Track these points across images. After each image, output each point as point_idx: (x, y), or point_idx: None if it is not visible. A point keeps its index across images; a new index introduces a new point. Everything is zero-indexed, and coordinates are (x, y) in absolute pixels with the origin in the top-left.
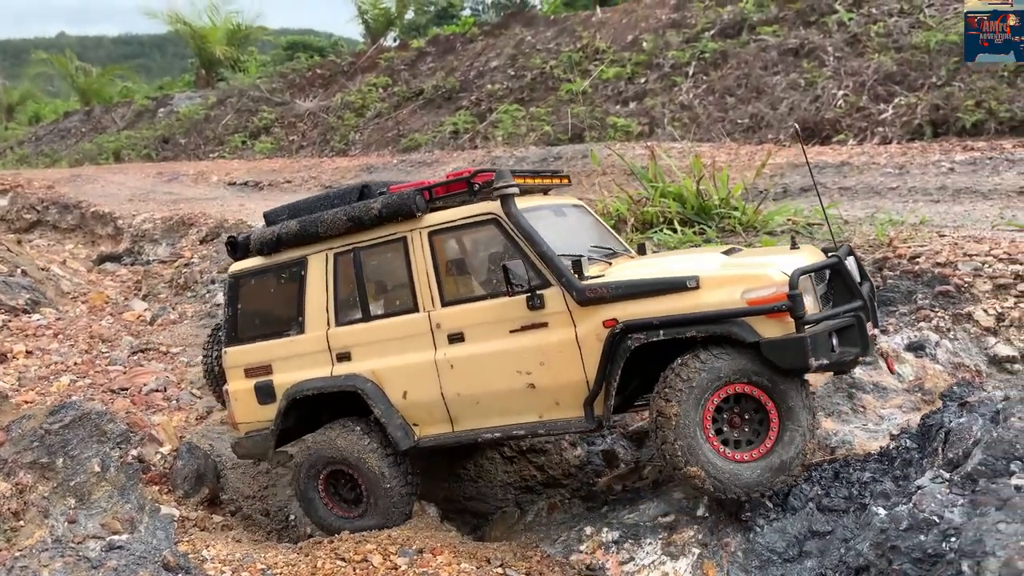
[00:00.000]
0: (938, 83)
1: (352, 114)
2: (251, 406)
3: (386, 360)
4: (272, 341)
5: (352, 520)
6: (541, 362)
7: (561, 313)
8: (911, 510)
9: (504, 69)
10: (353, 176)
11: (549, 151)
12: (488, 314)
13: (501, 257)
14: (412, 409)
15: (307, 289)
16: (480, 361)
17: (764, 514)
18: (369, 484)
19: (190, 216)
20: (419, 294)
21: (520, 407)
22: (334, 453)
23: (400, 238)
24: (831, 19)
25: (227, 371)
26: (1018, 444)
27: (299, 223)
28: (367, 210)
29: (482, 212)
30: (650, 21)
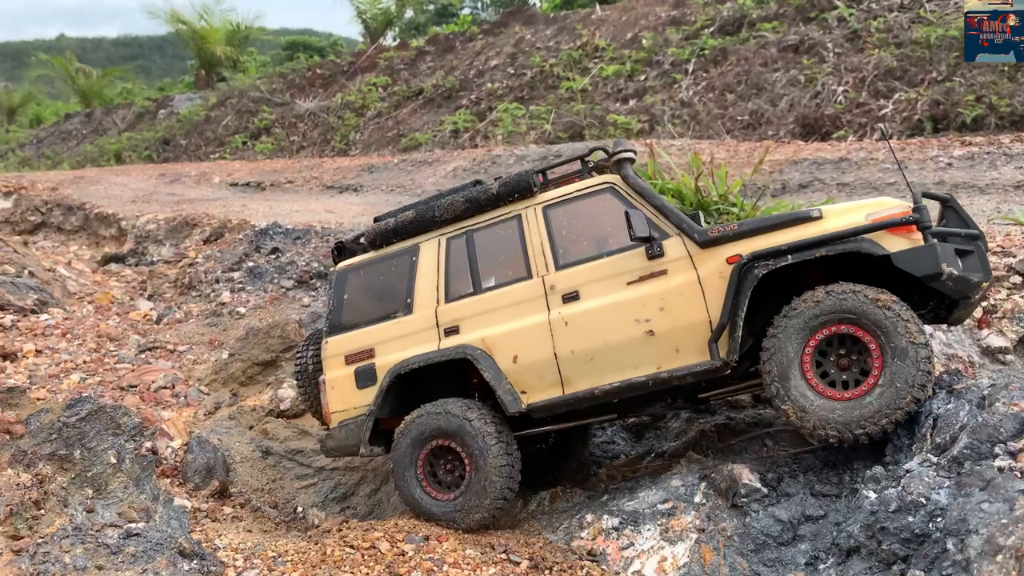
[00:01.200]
0: (939, 78)
1: (352, 114)
2: (348, 392)
3: (496, 327)
4: (377, 325)
5: (445, 504)
6: (661, 307)
7: (681, 259)
8: (900, 493)
9: (504, 68)
10: (354, 176)
11: (549, 149)
12: (605, 270)
13: (618, 219)
14: (521, 373)
15: (418, 272)
16: (596, 314)
17: (759, 499)
18: (472, 458)
19: (193, 217)
20: (533, 262)
21: (637, 358)
22: (441, 423)
23: (515, 216)
24: (831, 15)
25: (325, 361)
26: (1002, 428)
27: (415, 211)
28: (485, 191)
29: (599, 183)
30: (650, 18)
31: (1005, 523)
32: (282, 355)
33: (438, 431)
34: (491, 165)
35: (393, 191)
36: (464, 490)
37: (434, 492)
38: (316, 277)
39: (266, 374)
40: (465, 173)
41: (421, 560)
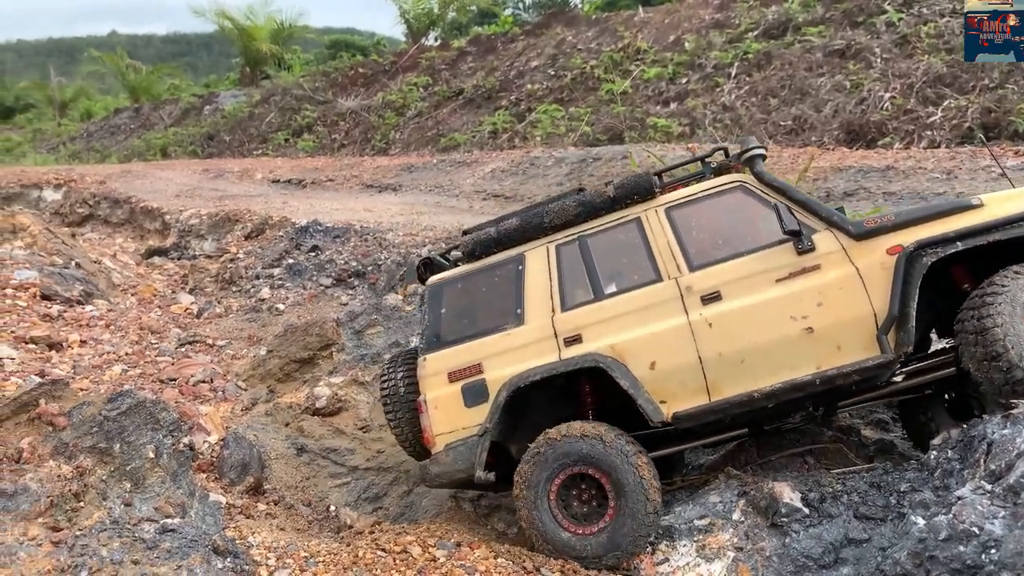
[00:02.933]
0: (991, 85)
1: (393, 113)
2: (455, 412)
3: (626, 334)
4: (483, 339)
5: (585, 539)
6: (819, 303)
7: (834, 252)
8: (951, 520)
9: (544, 69)
10: (394, 175)
11: (588, 152)
12: (748, 268)
13: (752, 217)
14: (661, 380)
15: (526, 282)
16: (744, 314)
17: (800, 520)
18: (616, 487)
19: (235, 212)
20: (662, 265)
21: (794, 359)
22: (580, 448)
23: (634, 219)
24: (879, 19)
25: (425, 380)
26: None
27: (520, 219)
28: (600, 195)
29: (729, 182)
30: (693, 21)
31: None
32: (319, 353)
33: (576, 457)
34: (529, 167)
35: (431, 191)
36: (609, 522)
37: (571, 526)
38: (355, 276)
39: (303, 371)
40: (503, 174)
41: (452, 567)
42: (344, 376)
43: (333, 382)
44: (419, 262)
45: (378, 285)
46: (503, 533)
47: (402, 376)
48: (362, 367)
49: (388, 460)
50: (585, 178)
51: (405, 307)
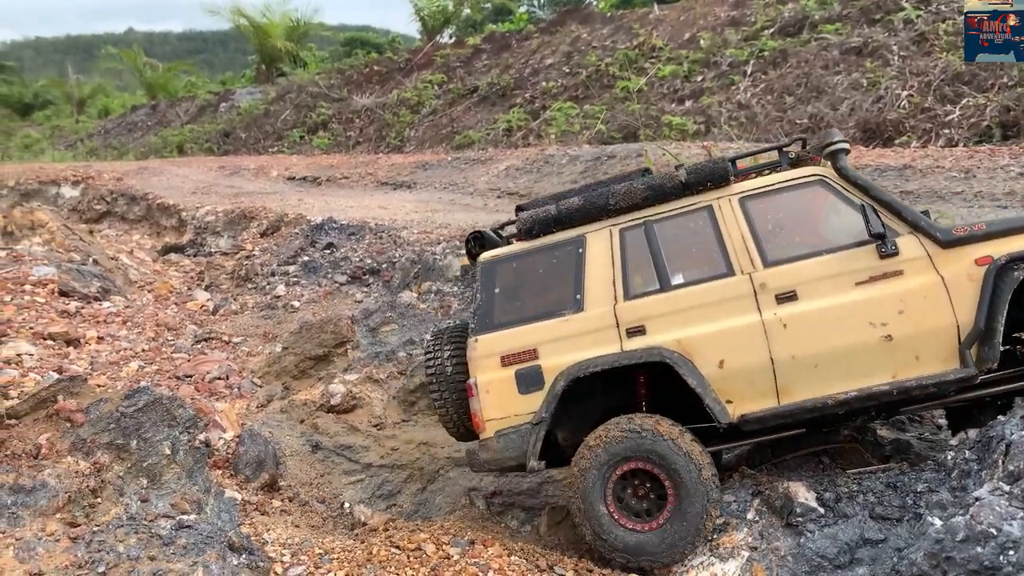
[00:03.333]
0: (1009, 83)
1: (407, 111)
2: (508, 397)
3: (694, 328)
4: (539, 323)
5: (643, 535)
6: (900, 311)
7: (919, 259)
8: (968, 521)
9: (559, 66)
10: (408, 173)
11: (603, 150)
12: (827, 268)
13: (831, 214)
14: (729, 380)
15: (587, 267)
16: (822, 316)
17: (815, 519)
18: (677, 483)
19: (251, 210)
20: (734, 258)
21: (869, 366)
22: (639, 443)
23: (705, 206)
24: (897, 17)
25: (476, 362)
26: None
27: (583, 199)
28: (671, 179)
29: (808, 175)
30: (708, 19)
31: None
32: (334, 350)
33: (634, 452)
34: (544, 164)
35: (446, 188)
36: (669, 518)
37: (627, 522)
38: (369, 273)
39: (318, 368)
40: (517, 172)
41: (466, 565)
42: (359, 373)
43: (348, 379)
44: (469, 235)
45: (393, 282)
46: (517, 531)
47: (449, 355)
48: (376, 364)
49: (402, 457)
50: (600, 176)
51: (419, 305)
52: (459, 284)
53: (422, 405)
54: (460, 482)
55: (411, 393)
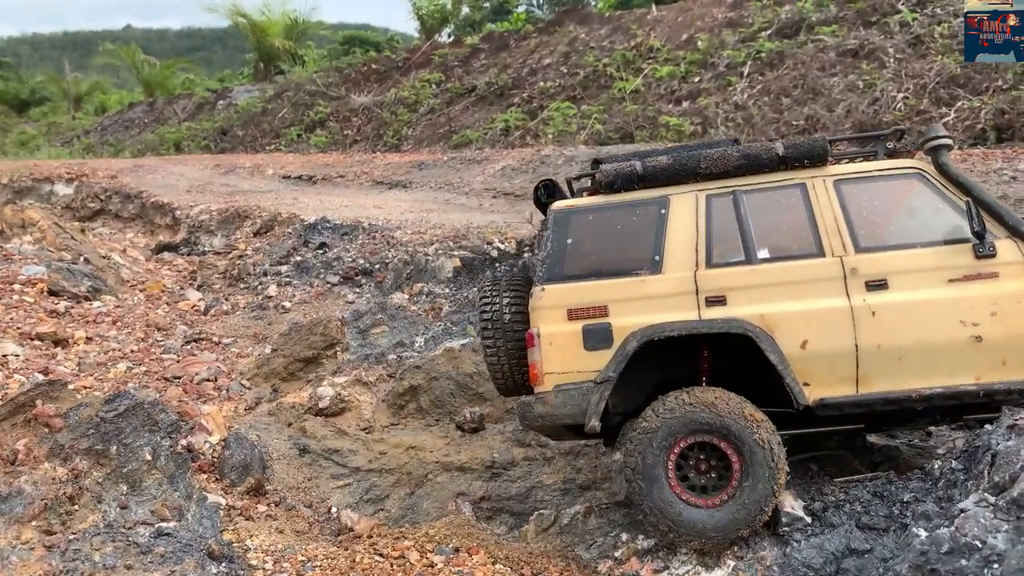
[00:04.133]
0: (1004, 87)
1: (405, 110)
2: (573, 352)
3: (779, 305)
4: (612, 280)
5: (709, 511)
6: (992, 312)
7: (1015, 264)
8: (953, 533)
9: (557, 66)
10: (404, 172)
11: (599, 150)
12: (920, 261)
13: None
14: (810, 362)
15: (669, 229)
16: (912, 309)
17: (802, 529)
18: (744, 456)
19: (245, 209)
20: (826, 240)
21: (954, 365)
22: (704, 416)
23: (799, 184)
24: (893, 19)
25: (541, 312)
26: None
27: (672, 159)
28: (768, 150)
29: (907, 166)
30: (706, 20)
31: None
32: (323, 352)
33: (699, 425)
34: (540, 165)
35: (442, 188)
36: (735, 493)
37: (694, 499)
38: (361, 274)
39: (307, 371)
40: (513, 172)
41: (449, 573)
42: (348, 376)
43: (337, 382)
44: (540, 183)
45: (385, 284)
46: (504, 536)
47: (508, 302)
48: (366, 367)
49: (390, 462)
50: None
51: (410, 307)
52: (451, 286)
53: (411, 408)
54: (448, 487)
55: (400, 396)
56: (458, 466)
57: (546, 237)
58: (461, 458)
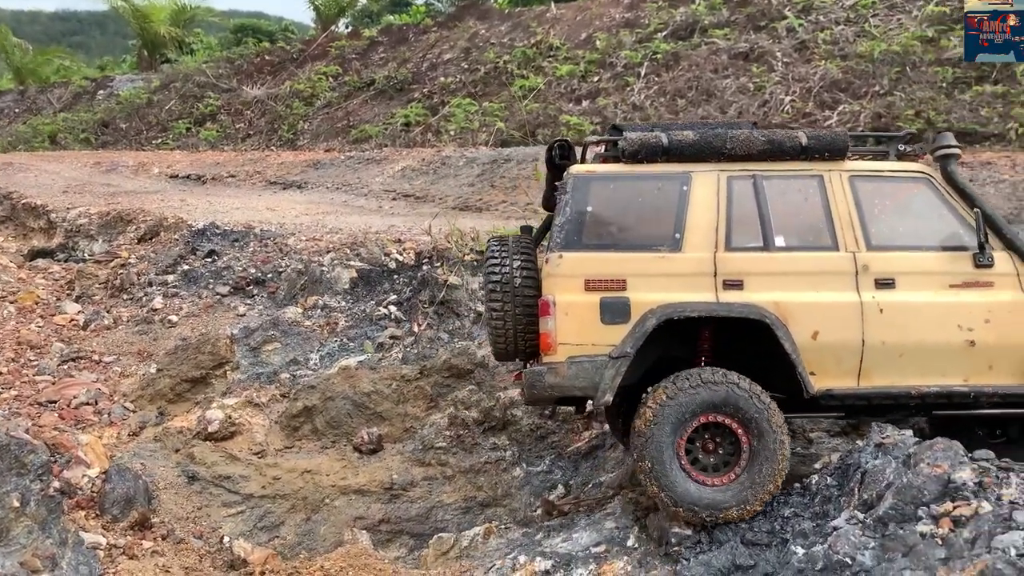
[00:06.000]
0: (881, 92)
1: (301, 103)
2: (589, 324)
3: (794, 294)
4: (632, 254)
5: (724, 488)
6: (987, 319)
7: (1010, 275)
8: (826, 551)
9: (457, 62)
10: (299, 172)
11: (500, 152)
12: (925, 264)
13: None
14: (818, 352)
15: (690, 206)
16: (917, 309)
17: (691, 547)
18: (752, 429)
19: (128, 212)
20: (840, 234)
21: (948, 366)
22: (711, 396)
23: (817, 175)
24: (780, 24)
25: (557, 279)
26: (925, 490)
27: (698, 135)
28: (792, 138)
29: (916, 170)
30: (604, 19)
31: None
32: (212, 372)
33: (705, 405)
34: (440, 166)
35: (339, 189)
36: (747, 464)
37: (709, 479)
38: (253, 284)
39: (195, 392)
40: (413, 173)
41: None
42: (238, 397)
43: (227, 404)
44: (554, 142)
45: (278, 295)
46: (403, 560)
47: (519, 266)
48: (258, 387)
49: (285, 487)
50: (497, 179)
51: (304, 321)
52: (347, 299)
53: (306, 430)
54: (346, 511)
55: (294, 418)
56: (356, 489)
57: (564, 202)
58: (359, 481)
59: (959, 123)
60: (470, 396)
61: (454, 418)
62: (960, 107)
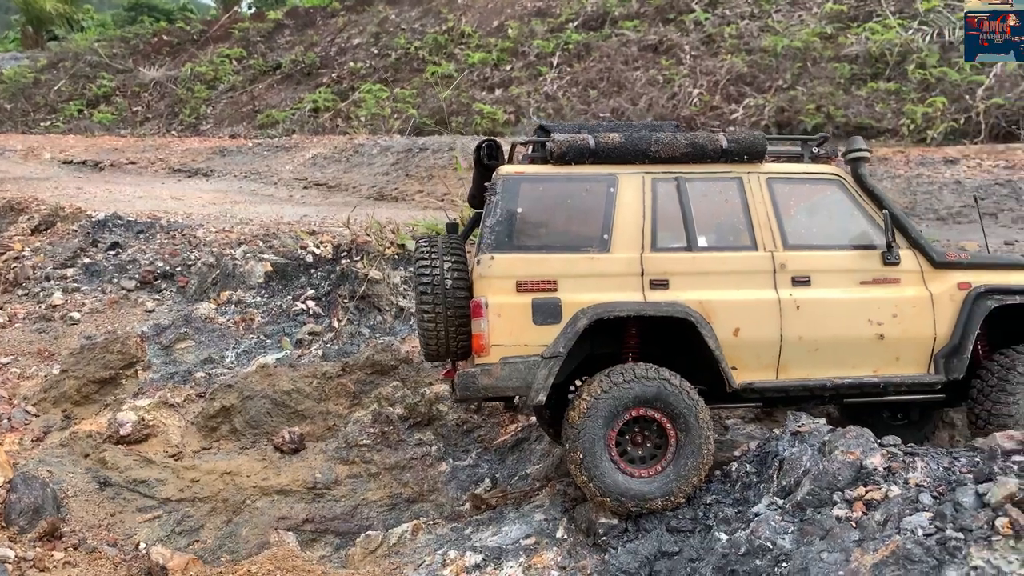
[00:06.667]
0: (783, 86)
1: (203, 86)
2: (521, 325)
3: (716, 293)
4: (563, 255)
5: (653, 479)
6: (894, 314)
7: (914, 272)
8: (748, 536)
9: (367, 47)
10: (205, 159)
11: (414, 141)
12: (839, 263)
13: (842, 213)
14: (739, 348)
15: (617, 209)
16: (831, 306)
17: (618, 535)
18: (678, 421)
19: (20, 200)
20: (759, 234)
21: (858, 359)
22: (641, 390)
23: (736, 177)
24: (688, 18)
25: (489, 281)
26: (840, 476)
27: (624, 137)
28: (713, 141)
29: (827, 172)
30: (516, 8)
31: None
32: (122, 372)
33: (637, 400)
34: (353, 154)
35: (247, 177)
36: (674, 457)
37: (636, 471)
38: (161, 278)
39: (104, 393)
40: (325, 161)
41: None
42: (151, 398)
43: (139, 405)
44: (483, 142)
45: (188, 289)
46: (329, 559)
47: (449, 267)
48: (172, 387)
49: (204, 489)
50: (412, 168)
51: (218, 318)
52: (262, 293)
53: (225, 431)
54: (268, 512)
55: (211, 418)
56: (278, 489)
57: (494, 203)
58: (281, 481)
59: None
60: (394, 392)
61: (378, 415)
62: (857, 103)
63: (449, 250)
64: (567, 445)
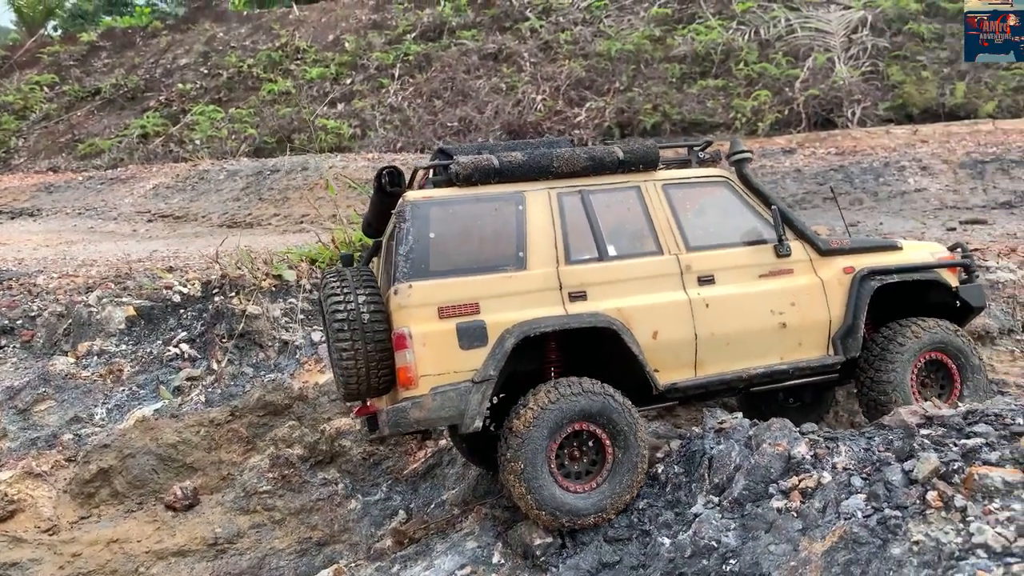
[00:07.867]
0: (621, 88)
1: (12, 117)
2: (448, 352)
3: (632, 299)
4: (481, 276)
5: (590, 495)
6: (792, 303)
7: (804, 262)
8: (692, 537)
9: (196, 67)
10: (29, 198)
11: (264, 163)
12: (738, 259)
13: (734, 212)
14: (659, 351)
15: (529, 226)
16: (736, 301)
17: (556, 552)
18: (617, 437)
19: None
20: (663, 239)
21: (765, 348)
22: (584, 404)
23: (634, 186)
24: (524, 26)
25: (409, 311)
26: (772, 468)
27: (526, 156)
28: (610, 154)
29: (715, 174)
30: (351, 21)
31: (795, 565)
32: None
33: (582, 413)
34: (199, 181)
35: (82, 214)
36: (609, 474)
37: (572, 485)
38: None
39: None
40: (168, 191)
41: None
42: (13, 470)
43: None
44: (383, 169)
45: (35, 344)
46: None
47: (365, 300)
48: (36, 454)
49: (88, 563)
50: (265, 192)
51: (80, 372)
52: (127, 341)
53: (105, 495)
54: None
55: (87, 483)
56: (175, 551)
57: (404, 231)
58: (177, 541)
59: (691, 115)
60: (291, 432)
61: (276, 458)
62: (690, 100)
63: (361, 283)
64: (508, 455)
